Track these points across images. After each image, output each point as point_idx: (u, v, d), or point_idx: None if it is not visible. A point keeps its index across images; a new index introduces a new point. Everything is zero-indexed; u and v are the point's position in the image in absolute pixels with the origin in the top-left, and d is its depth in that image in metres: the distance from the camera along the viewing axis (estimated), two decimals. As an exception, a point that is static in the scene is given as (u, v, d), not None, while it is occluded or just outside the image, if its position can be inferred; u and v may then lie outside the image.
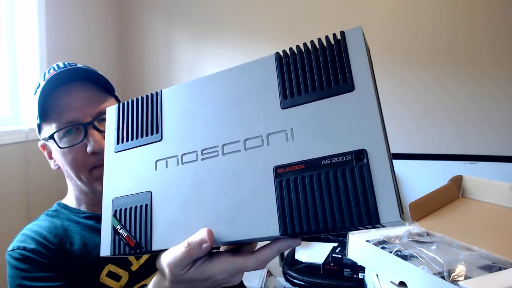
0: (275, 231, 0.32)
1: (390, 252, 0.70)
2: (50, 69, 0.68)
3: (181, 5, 2.13)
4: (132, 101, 0.44)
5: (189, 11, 2.12)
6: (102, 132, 0.63)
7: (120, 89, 2.20)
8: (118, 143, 0.44)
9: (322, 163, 0.31)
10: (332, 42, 0.35)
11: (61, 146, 0.62)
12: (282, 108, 0.34)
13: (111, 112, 0.46)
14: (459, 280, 0.57)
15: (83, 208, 0.69)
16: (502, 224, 0.79)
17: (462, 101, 1.88)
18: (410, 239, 0.76)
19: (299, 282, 1.31)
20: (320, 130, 0.32)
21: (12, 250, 0.60)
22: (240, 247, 0.40)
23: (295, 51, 0.36)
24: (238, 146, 0.36)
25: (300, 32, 2.02)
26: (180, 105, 0.41)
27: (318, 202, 0.31)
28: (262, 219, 0.33)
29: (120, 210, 0.40)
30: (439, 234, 0.78)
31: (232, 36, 2.09)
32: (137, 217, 0.39)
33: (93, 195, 0.66)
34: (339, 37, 0.35)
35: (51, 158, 0.69)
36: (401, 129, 1.94)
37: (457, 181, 0.97)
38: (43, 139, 0.67)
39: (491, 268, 0.62)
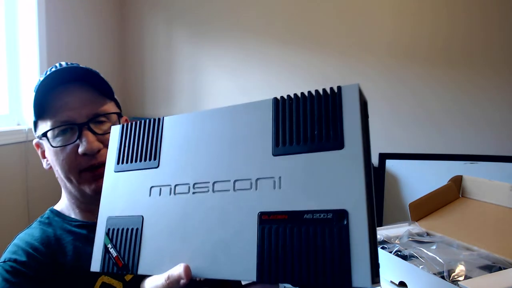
0: (252, 276, 0.33)
1: (390, 252, 0.70)
2: (52, 68, 0.67)
3: (181, 5, 2.13)
4: (135, 123, 0.46)
5: (190, 11, 2.12)
6: (96, 134, 0.62)
7: (120, 89, 2.20)
8: (118, 163, 0.45)
9: (304, 216, 0.32)
10: (329, 94, 0.35)
11: (53, 145, 0.62)
12: (273, 155, 0.36)
13: (115, 131, 0.47)
14: (459, 280, 0.57)
15: (75, 215, 0.67)
16: (502, 224, 0.79)
17: (462, 101, 1.88)
18: (410, 239, 0.76)
19: (299, 282, 1.30)
20: (306, 183, 0.33)
21: (3, 261, 0.59)
22: (221, 283, 0.42)
23: (292, 98, 0.37)
24: (228, 185, 0.37)
25: (301, 33, 2.02)
26: (180, 135, 0.42)
27: (295, 256, 0.31)
28: (242, 263, 0.34)
29: (113, 229, 0.42)
30: (439, 234, 0.78)
31: (233, 37, 2.09)
32: (127, 240, 0.40)
33: (83, 199, 0.65)
34: (336, 90, 0.35)
35: (44, 157, 0.68)
36: (401, 129, 1.94)
37: (457, 181, 0.97)
38: (37, 137, 0.66)
39: (491, 268, 0.62)
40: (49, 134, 0.62)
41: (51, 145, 0.62)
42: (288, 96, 0.37)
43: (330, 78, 1.92)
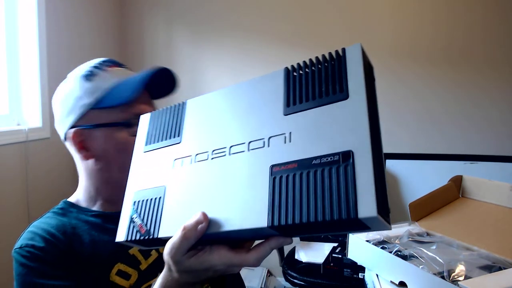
0: (263, 222, 0.34)
1: (390, 252, 0.70)
2: (105, 61, 0.69)
3: (181, 4, 2.13)
4: (163, 109, 0.51)
5: (189, 11, 2.12)
6: None
7: (120, 89, 2.20)
8: (146, 144, 0.50)
9: (313, 162, 0.33)
10: (334, 57, 0.38)
11: (131, 134, 0.63)
12: (284, 115, 0.38)
13: (145, 118, 0.53)
14: (459, 280, 0.57)
15: (93, 207, 0.68)
16: (502, 224, 0.79)
17: (462, 102, 1.88)
18: (410, 239, 0.76)
19: (299, 282, 1.31)
20: (315, 133, 0.35)
21: (20, 247, 0.60)
22: (238, 244, 0.42)
23: (301, 65, 0.40)
24: (243, 147, 0.39)
25: (301, 31, 2.02)
26: (200, 113, 0.46)
27: (304, 196, 0.33)
28: (253, 211, 0.35)
29: (139, 201, 0.45)
30: (439, 234, 0.78)
31: (233, 36, 2.09)
32: (150, 208, 0.43)
33: (116, 189, 0.64)
34: (341, 52, 0.37)
35: (82, 148, 0.65)
36: (401, 129, 1.94)
37: (457, 181, 0.97)
38: (91, 125, 0.64)
39: (491, 268, 0.62)
40: (122, 123, 0.63)
41: (131, 134, 0.63)
42: (298, 64, 0.40)
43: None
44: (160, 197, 0.43)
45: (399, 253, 0.70)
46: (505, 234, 0.75)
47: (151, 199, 0.44)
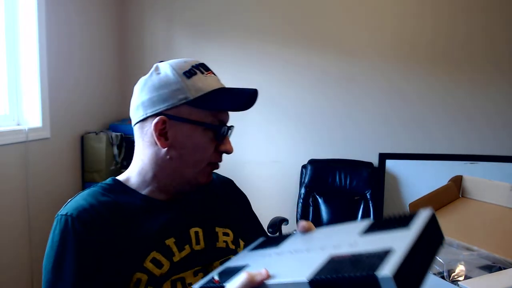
0: (303, 277, 0.41)
1: (390, 252, 0.69)
2: (201, 64, 0.76)
3: (181, 5, 2.13)
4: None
5: (189, 10, 2.12)
6: None
7: (120, 89, 2.20)
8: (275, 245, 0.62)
9: (362, 254, 0.41)
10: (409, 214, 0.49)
11: (211, 137, 0.69)
12: (359, 234, 0.49)
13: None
14: (459, 280, 0.57)
15: (143, 191, 0.70)
16: (502, 224, 0.79)
17: (463, 102, 1.88)
18: (410, 239, 0.76)
19: (299, 282, 1.30)
20: (375, 242, 0.44)
21: (65, 214, 0.61)
22: None
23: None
24: (321, 250, 0.49)
25: (302, 32, 2.02)
26: (303, 236, 0.60)
27: (345, 264, 0.40)
28: (301, 271, 0.43)
29: (227, 270, 0.56)
30: (439, 234, 0.78)
31: (233, 35, 2.10)
32: (231, 272, 0.53)
33: (174, 181, 0.69)
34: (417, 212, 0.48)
35: (161, 135, 0.68)
36: (402, 129, 1.94)
37: (457, 181, 0.97)
38: (184, 119, 0.68)
39: (491, 268, 0.62)
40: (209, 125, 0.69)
41: (209, 138, 0.69)
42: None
43: (330, 77, 1.92)
44: (243, 267, 0.53)
45: (399, 253, 0.69)
46: (505, 234, 0.75)
47: (235, 268, 0.54)
